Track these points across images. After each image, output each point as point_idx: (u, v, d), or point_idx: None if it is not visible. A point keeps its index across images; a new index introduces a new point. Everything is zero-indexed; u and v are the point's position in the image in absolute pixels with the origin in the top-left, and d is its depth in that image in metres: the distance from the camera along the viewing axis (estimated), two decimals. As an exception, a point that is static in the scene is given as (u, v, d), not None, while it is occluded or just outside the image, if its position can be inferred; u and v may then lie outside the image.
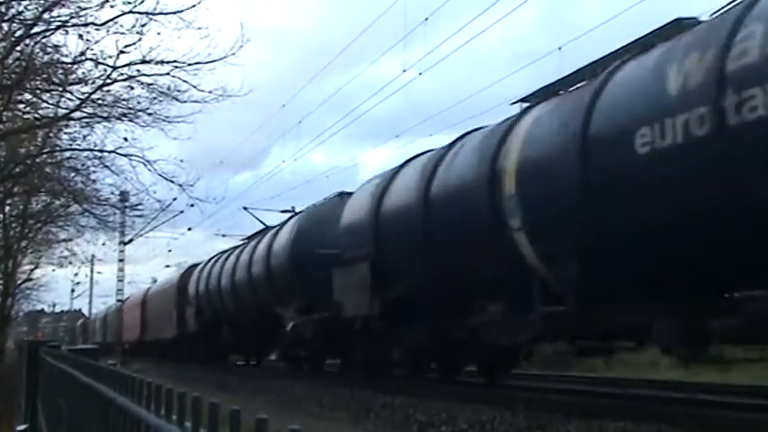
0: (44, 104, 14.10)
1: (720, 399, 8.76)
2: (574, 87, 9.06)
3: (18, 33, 12.10)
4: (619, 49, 8.53)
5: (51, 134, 15.75)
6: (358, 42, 64.06)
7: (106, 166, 15.70)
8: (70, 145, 15.79)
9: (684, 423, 6.64)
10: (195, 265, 27.90)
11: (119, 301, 44.41)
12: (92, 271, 53.47)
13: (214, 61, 12.58)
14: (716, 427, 6.56)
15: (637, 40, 8.37)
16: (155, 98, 13.27)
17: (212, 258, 25.37)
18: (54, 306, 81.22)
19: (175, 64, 12.53)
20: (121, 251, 38.90)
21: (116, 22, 11.85)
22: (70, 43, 13.34)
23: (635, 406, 7.83)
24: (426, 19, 17.70)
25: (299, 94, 78.86)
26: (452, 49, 43.76)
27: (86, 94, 13.02)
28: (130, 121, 13.84)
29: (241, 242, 24.34)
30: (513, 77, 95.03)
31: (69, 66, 12.64)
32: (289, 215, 20.81)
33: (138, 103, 13.35)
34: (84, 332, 66.70)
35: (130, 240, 34.99)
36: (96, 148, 15.27)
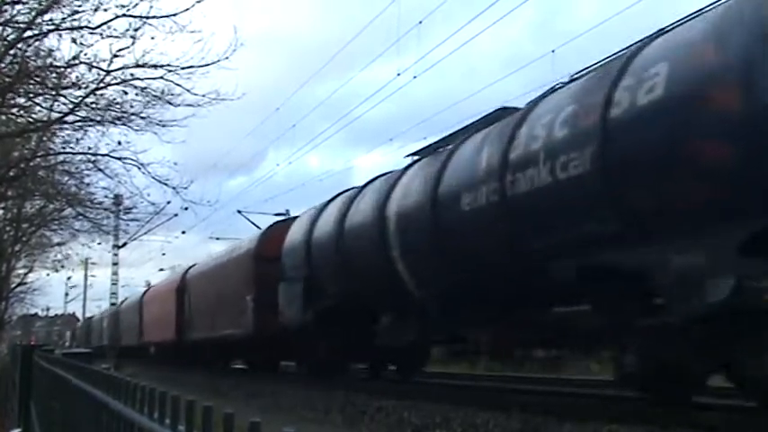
0: (38, 108, 14.11)
1: (714, 401, 8.78)
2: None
3: (11, 37, 12.10)
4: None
5: (45, 138, 15.74)
6: (352, 47, 64.12)
7: (100, 170, 15.69)
8: (64, 148, 15.78)
9: (678, 425, 6.66)
10: (284, 221, 18.76)
11: (112, 304, 44.09)
12: (86, 275, 53.48)
13: (208, 65, 12.59)
14: (709, 428, 6.59)
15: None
16: (148, 102, 13.29)
17: (337, 198, 14.56)
18: (48, 310, 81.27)
19: (169, 68, 12.55)
20: (115, 255, 38.99)
21: (110, 26, 11.87)
22: (64, 47, 13.33)
23: (628, 408, 7.85)
24: (420, 22, 17.71)
25: (294, 99, 79.02)
26: (446, 53, 43.86)
27: (80, 98, 13.03)
28: (124, 124, 13.85)
29: (415, 154, 12.55)
30: (507, 81, 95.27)
31: (63, 69, 12.65)
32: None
33: (132, 106, 13.37)
34: (86, 334, 57.60)
35: (124, 244, 35.03)
36: (90, 152, 15.26)
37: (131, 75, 12.66)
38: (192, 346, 24.18)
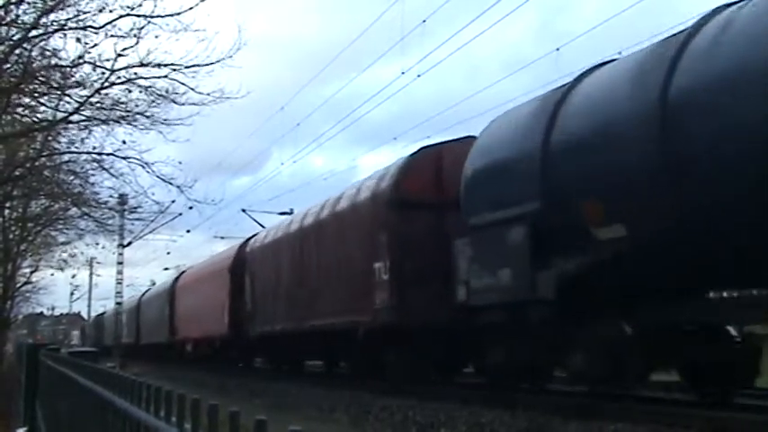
0: (43, 108, 14.14)
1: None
2: None
3: (16, 37, 12.12)
4: None
5: (50, 137, 15.77)
6: (357, 48, 64.05)
7: (105, 169, 15.72)
8: (69, 148, 15.82)
9: (683, 424, 6.65)
10: (434, 145, 12.21)
11: (117, 303, 43.78)
12: (91, 274, 53.52)
13: (212, 64, 12.61)
14: (714, 428, 6.57)
15: None
16: (153, 101, 13.30)
17: (603, 67, 8.40)
18: (53, 309, 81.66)
19: (173, 67, 12.57)
20: (120, 254, 38.93)
21: (114, 26, 11.90)
22: (68, 47, 13.35)
23: (633, 407, 7.84)
24: (424, 21, 17.65)
25: (298, 99, 79.06)
26: (449, 53, 43.80)
27: (85, 98, 13.05)
28: (129, 123, 13.87)
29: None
30: (509, 82, 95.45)
31: (67, 69, 12.67)
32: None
33: (137, 105, 13.39)
34: (98, 332, 52.84)
35: (129, 243, 34.95)
36: (95, 151, 15.29)
37: (136, 74, 12.69)
38: (258, 342, 17.83)
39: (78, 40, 12.01)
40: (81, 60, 12.35)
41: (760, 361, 7.81)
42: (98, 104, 13.35)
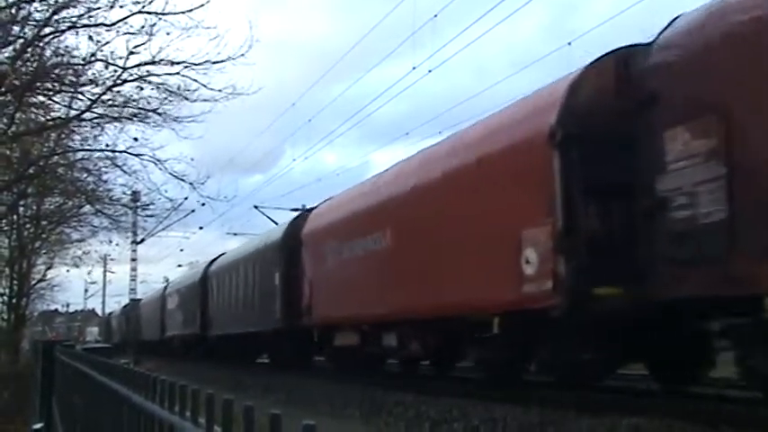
0: (56, 106, 14.26)
1: (731, 393, 8.71)
2: None
3: (29, 35, 12.20)
4: None
5: (63, 135, 15.90)
6: (368, 46, 63.92)
7: (118, 166, 15.85)
8: (82, 146, 15.97)
9: (695, 419, 6.62)
10: None
11: (131, 299, 43.50)
12: (105, 271, 53.83)
13: (223, 61, 12.68)
14: (726, 422, 6.54)
15: None
16: (165, 98, 13.40)
17: None
18: (68, 306, 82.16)
19: (185, 64, 12.63)
20: (134, 251, 39.15)
21: (126, 23, 12.00)
22: (81, 45, 13.46)
23: (646, 402, 7.81)
24: (435, 16, 17.59)
25: (310, 96, 78.97)
26: (459, 48, 43.61)
27: (97, 95, 13.16)
28: (141, 121, 13.98)
29: None
30: (518, 79, 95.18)
31: (80, 67, 12.77)
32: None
33: (149, 103, 13.49)
34: (126, 324, 43.85)
35: (142, 240, 35.16)
36: (108, 149, 15.41)
37: (147, 71, 12.79)
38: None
39: (90, 38, 12.11)
40: (93, 58, 12.46)
41: None
42: (110, 102, 13.47)
